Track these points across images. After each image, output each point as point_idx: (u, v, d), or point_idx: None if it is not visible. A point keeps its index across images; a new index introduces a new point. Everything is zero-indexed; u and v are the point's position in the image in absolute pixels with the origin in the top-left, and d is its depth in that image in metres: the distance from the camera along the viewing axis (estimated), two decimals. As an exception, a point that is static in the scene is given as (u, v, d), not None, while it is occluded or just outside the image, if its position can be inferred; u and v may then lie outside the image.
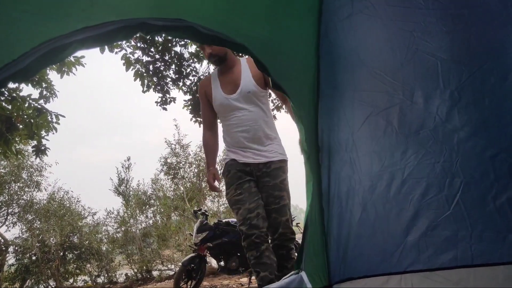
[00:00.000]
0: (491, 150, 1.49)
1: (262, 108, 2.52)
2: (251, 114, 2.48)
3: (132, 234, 11.36)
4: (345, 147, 1.87)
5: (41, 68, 1.26)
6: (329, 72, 1.92)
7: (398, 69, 1.69)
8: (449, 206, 1.55)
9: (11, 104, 5.24)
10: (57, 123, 5.68)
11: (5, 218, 11.98)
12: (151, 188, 12.43)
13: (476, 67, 1.53)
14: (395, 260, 1.66)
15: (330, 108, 1.94)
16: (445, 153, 1.58)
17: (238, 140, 2.50)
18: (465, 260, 1.52)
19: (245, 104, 2.48)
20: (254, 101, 2.48)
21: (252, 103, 2.48)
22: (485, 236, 1.49)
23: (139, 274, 10.50)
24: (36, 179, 12.27)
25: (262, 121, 2.49)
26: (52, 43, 1.18)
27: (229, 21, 1.62)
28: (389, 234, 1.71)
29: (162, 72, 6.89)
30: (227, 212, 11.20)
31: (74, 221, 11.69)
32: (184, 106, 7.53)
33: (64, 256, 11.29)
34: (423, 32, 1.62)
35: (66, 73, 5.89)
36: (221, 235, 5.15)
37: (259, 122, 2.48)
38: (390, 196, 1.71)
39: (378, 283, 1.70)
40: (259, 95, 2.49)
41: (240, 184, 2.44)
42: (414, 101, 1.65)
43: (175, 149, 12.28)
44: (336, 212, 1.89)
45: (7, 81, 1.15)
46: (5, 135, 4.99)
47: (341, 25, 1.83)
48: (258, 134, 2.48)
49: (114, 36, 1.32)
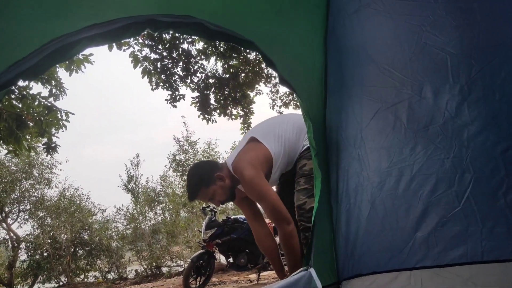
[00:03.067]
0: (502, 145, 1.47)
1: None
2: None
3: (142, 231, 11.44)
4: (353, 143, 1.86)
5: (51, 65, 1.28)
6: (337, 67, 1.91)
7: (407, 64, 1.68)
8: (459, 201, 1.54)
9: (21, 102, 5.29)
10: (67, 120, 5.73)
11: (17, 215, 12.14)
12: (160, 185, 12.49)
13: (486, 61, 1.51)
14: (404, 256, 1.65)
15: (338, 104, 1.93)
16: (454, 148, 1.57)
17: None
18: (475, 256, 1.50)
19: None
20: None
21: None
22: (496, 232, 1.47)
23: (149, 270, 10.60)
24: (47, 177, 12.38)
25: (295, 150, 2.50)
26: (61, 41, 1.19)
27: (237, 18, 1.62)
28: (398, 230, 1.70)
29: (170, 69, 6.91)
30: (235, 209, 11.22)
31: (84, 217, 11.81)
32: (192, 103, 7.55)
33: (75, 252, 11.42)
34: (432, 26, 1.60)
35: (75, 71, 5.93)
36: (230, 232, 5.16)
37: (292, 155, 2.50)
38: (399, 192, 1.70)
39: (387, 279, 1.70)
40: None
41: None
42: (423, 96, 1.63)
43: (184, 146, 12.33)
44: (344, 208, 1.89)
45: (17, 78, 1.16)
46: (16, 133, 5.05)
47: (349, 20, 1.82)
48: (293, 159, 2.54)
49: (123, 33, 1.32)
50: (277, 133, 2.40)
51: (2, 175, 11.54)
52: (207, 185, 2.33)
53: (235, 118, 7.95)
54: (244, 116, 7.98)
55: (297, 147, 2.40)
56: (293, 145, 2.40)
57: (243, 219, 5.30)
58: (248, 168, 2.25)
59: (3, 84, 1.11)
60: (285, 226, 2.23)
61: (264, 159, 2.33)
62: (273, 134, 2.40)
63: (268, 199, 2.25)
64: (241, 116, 7.99)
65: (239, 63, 7.41)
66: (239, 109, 7.92)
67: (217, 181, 2.35)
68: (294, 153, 2.41)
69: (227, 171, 2.39)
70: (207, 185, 2.33)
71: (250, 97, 7.85)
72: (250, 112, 7.95)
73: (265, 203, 2.28)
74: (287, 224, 2.23)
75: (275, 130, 2.42)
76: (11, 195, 11.79)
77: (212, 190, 2.35)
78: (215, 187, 2.34)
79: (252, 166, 2.26)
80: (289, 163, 2.44)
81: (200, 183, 2.34)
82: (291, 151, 2.40)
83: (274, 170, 2.37)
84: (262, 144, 2.37)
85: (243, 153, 2.38)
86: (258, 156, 2.32)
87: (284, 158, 2.39)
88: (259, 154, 2.33)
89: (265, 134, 2.42)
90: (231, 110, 7.83)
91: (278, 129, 2.42)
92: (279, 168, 2.40)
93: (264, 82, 8.11)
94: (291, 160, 2.43)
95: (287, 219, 2.24)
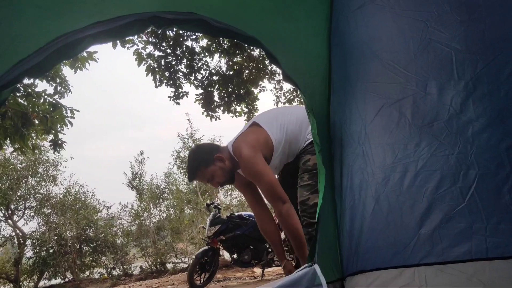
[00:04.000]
0: (507, 141, 1.47)
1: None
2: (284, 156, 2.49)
3: (146, 228, 11.50)
4: (357, 139, 1.86)
5: (55, 63, 1.28)
6: (340, 64, 1.90)
7: (411, 60, 1.67)
8: (463, 198, 1.53)
9: (27, 100, 5.32)
10: (72, 117, 5.76)
11: (23, 212, 12.25)
12: (164, 182, 12.56)
13: (491, 57, 1.50)
14: (409, 253, 1.65)
15: (342, 101, 1.92)
16: (459, 145, 1.56)
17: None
18: (480, 253, 1.50)
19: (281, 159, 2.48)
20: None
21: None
22: (501, 228, 1.47)
23: (154, 266, 10.66)
24: (52, 174, 12.49)
25: (296, 144, 2.48)
26: (66, 38, 1.19)
27: (240, 14, 1.62)
28: (403, 226, 1.70)
29: (173, 66, 6.92)
30: (239, 206, 11.26)
31: (89, 214, 11.90)
32: (195, 100, 7.56)
33: (80, 249, 11.51)
34: (436, 22, 1.59)
35: (79, 69, 5.95)
36: (234, 228, 5.18)
37: (293, 149, 2.47)
38: (404, 188, 1.69)
39: (391, 275, 1.69)
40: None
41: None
42: (428, 92, 1.62)
43: (188, 143, 12.36)
44: (348, 204, 1.88)
45: (22, 77, 1.16)
46: (21, 131, 5.08)
47: (353, 16, 1.81)
48: (295, 153, 2.52)
49: (127, 30, 1.33)
50: (279, 121, 2.42)
51: (8, 173, 11.64)
52: (206, 166, 2.35)
53: (239, 115, 7.95)
54: (248, 113, 7.98)
55: (299, 139, 2.41)
56: (295, 136, 2.40)
57: (247, 216, 5.32)
58: (247, 148, 2.27)
59: (9, 82, 1.12)
60: (280, 204, 2.24)
61: (264, 143, 2.34)
62: (275, 122, 2.42)
63: (264, 178, 2.26)
64: (245, 113, 7.99)
65: (243, 60, 7.41)
66: (243, 106, 7.92)
67: (217, 162, 2.36)
68: (296, 144, 2.42)
69: (228, 154, 2.41)
70: (206, 165, 2.35)
71: (254, 94, 7.85)
72: (254, 109, 7.95)
73: (261, 182, 2.30)
74: (282, 203, 2.24)
75: (277, 118, 2.44)
76: (17, 192, 11.90)
77: (211, 171, 2.36)
78: (214, 168, 2.36)
79: (251, 146, 2.28)
80: (290, 154, 2.45)
81: (200, 163, 2.36)
82: (293, 142, 2.41)
83: (275, 156, 2.39)
84: (264, 129, 2.39)
85: (243, 136, 2.41)
86: (258, 139, 2.34)
87: (285, 146, 2.40)
88: (259, 137, 2.35)
89: (267, 121, 2.44)
90: (235, 107, 7.83)
91: (281, 118, 2.44)
92: (280, 156, 2.41)
93: (268, 79, 8.12)
94: (293, 151, 2.43)
95: (282, 198, 2.25)
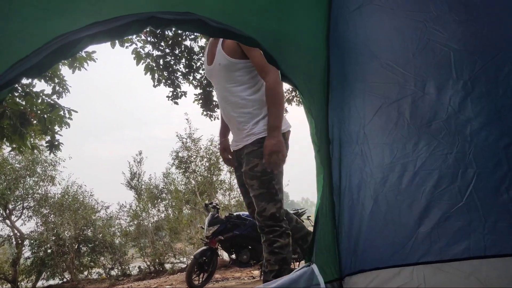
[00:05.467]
0: (505, 140, 1.47)
1: (240, 81, 2.17)
2: (222, 90, 2.22)
3: (145, 228, 11.48)
4: (356, 139, 1.86)
5: (54, 63, 1.28)
6: (339, 64, 1.91)
7: (410, 60, 1.67)
8: (462, 197, 1.54)
9: (25, 100, 5.32)
10: (70, 118, 5.75)
11: (21, 212, 12.20)
12: (163, 182, 12.50)
13: (489, 57, 1.51)
14: (407, 252, 1.66)
15: (341, 100, 1.93)
16: (458, 144, 1.57)
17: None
18: (478, 251, 1.51)
19: (219, 78, 2.22)
20: (229, 75, 2.17)
21: (227, 78, 2.18)
22: (498, 227, 1.47)
23: (152, 267, 10.64)
24: (50, 174, 12.45)
25: (238, 98, 2.18)
26: (64, 39, 1.19)
27: (238, 14, 1.62)
28: (401, 225, 1.70)
29: (172, 66, 6.92)
30: (238, 206, 11.23)
31: (87, 214, 11.86)
32: (194, 100, 7.55)
33: (78, 249, 11.48)
34: (435, 22, 1.59)
35: (78, 69, 5.94)
36: (232, 228, 5.17)
37: (232, 99, 2.19)
38: (402, 188, 1.70)
39: (390, 275, 1.70)
40: (234, 68, 2.15)
41: (236, 177, 2.36)
42: (426, 92, 1.63)
43: (186, 143, 12.33)
44: (347, 204, 1.89)
45: (20, 77, 1.16)
46: (20, 130, 5.07)
47: (351, 16, 1.81)
48: (231, 114, 2.22)
49: (125, 31, 1.32)
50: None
51: (6, 173, 11.60)
52: None
53: (238, 115, 7.92)
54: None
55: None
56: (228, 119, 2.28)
57: (245, 216, 5.31)
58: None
59: (7, 82, 1.12)
60: (271, 75, 2.06)
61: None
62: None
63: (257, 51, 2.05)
64: (244, 113, 7.96)
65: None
66: (242, 106, 7.89)
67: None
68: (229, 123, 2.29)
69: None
70: None
71: (253, 94, 7.83)
72: (253, 109, 7.92)
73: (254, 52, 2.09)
74: (272, 74, 2.05)
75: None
76: (15, 192, 11.86)
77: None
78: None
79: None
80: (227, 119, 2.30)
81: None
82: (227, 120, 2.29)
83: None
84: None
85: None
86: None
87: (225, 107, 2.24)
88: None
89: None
90: (234, 107, 7.81)
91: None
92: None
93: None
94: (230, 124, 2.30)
95: (271, 70, 2.04)
